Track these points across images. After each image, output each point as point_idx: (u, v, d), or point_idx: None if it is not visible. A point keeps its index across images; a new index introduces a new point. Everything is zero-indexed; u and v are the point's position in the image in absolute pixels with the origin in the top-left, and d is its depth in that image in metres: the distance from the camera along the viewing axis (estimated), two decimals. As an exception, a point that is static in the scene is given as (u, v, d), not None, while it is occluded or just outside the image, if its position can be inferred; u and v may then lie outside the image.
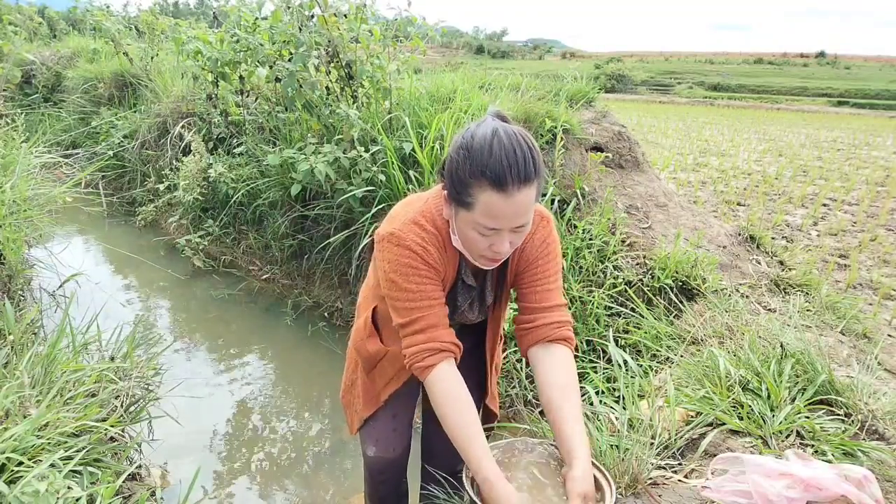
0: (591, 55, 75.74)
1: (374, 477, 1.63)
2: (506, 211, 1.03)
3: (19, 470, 1.25)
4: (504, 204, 1.02)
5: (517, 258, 1.28)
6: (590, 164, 3.30)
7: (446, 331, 1.21)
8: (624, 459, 1.37)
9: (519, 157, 1.01)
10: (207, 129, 4.92)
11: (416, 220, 1.19)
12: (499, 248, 1.10)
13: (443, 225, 1.20)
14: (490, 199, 1.02)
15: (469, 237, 1.11)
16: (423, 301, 1.18)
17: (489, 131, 1.04)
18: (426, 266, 1.18)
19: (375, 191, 3.32)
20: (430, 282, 1.19)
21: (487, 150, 1.01)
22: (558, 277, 1.30)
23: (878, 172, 8.87)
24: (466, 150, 1.04)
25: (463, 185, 1.05)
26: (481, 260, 1.17)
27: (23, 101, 7.48)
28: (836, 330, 2.27)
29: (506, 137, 1.02)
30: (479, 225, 1.07)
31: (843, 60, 60.01)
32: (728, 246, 2.98)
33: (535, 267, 1.27)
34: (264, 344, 3.40)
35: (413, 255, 1.17)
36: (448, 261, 1.22)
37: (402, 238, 1.17)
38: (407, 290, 1.18)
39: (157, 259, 4.50)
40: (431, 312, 1.19)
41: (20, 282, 2.66)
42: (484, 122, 1.07)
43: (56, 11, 12.19)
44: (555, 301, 1.28)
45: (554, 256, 1.28)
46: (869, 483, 1.17)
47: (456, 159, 1.06)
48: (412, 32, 3.90)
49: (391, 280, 1.18)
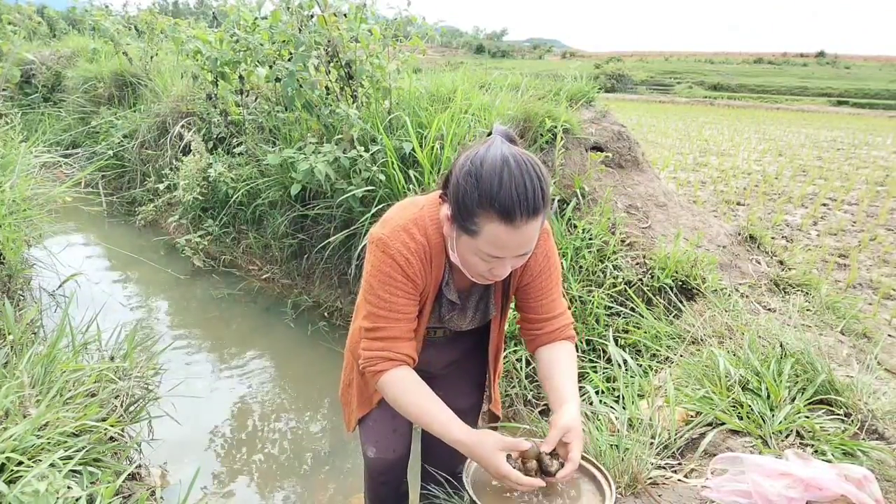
0: (591, 55, 75.74)
1: (374, 478, 1.63)
2: (511, 243, 1.03)
3: (19, 470, 1.25)
4: (510, 236, 1.01)
5: (520, 272, 1.29)
6: (590, 164, 3.30)
7: (406, 343, 1.23)
8: (624, 459, 1.37)
9: (529, 189, 0.98)
10: (207, 128, 4.92)
11: (406, 228, 1.18)
12: (499, 272, 1.11)
13: (434, 236, 1.19)
14: (497, 231, 1.01)
15: (469, 261, 1.11)
16: (391, 312, 1.20)
17: (499, 159, 1.00)
18: (404, 278, 1.18)
19: (375, 190, 3.32)
20: (403, 295, 1.20)
21: (497, 182, 0.98)
22: (559, 287, 1.34)
23: (878, 172, 8.88)
24: (476, 179, 1.00)
25: (469, 214, 1.03)
26: (479, 278, 1.17)
27: (22, 101, 7.47)
28: (836, 330, 2.27)
29: (516, 167, 0.99)
30: (483, 252, 1.06)
31: (843, 60, 60.03)
32: (728, 246, 2.98)
33: (540, 281, 1.30)
34: (264, 344, 3.40)
35: (395, 266, 1.17)
36: (431, 274, 1.22)
37: (388, 245, 1.17)
38: (380, 298, 1.20)
39: (157, 259, 4.50)
40: (396, 325, 1.21)
41: (20, 282, 2.66)
42: (493, 146, 1.03)
43: (55, 11, 12.18)
44: (559, 310, 1.34)
45: (556, 268, 1.31)
46: (869, 483, 1.17)
47: (463, 186, 1.02)
48: (412, 32, 3.91)
49: (369, 283, 1.21)
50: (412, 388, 1.20)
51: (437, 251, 1.20)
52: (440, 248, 1.20)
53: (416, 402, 1.19)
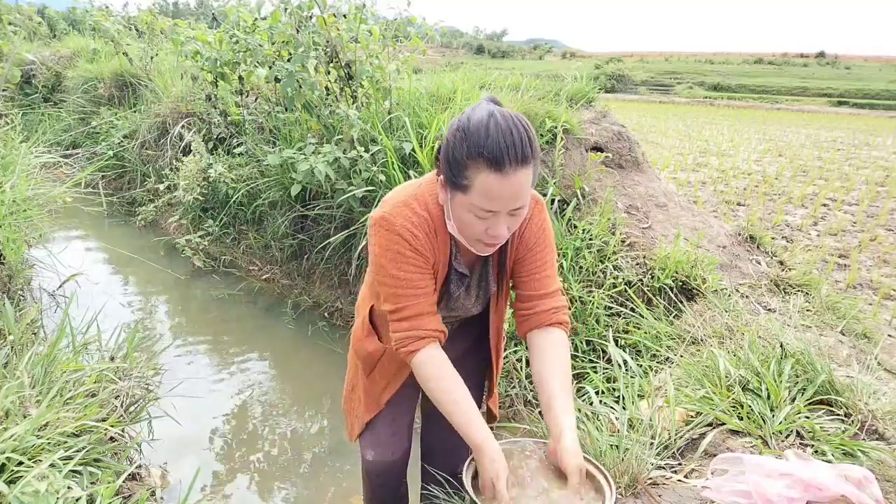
0: (591, 55, 75.76)
1: (372, 480, 1.62)
2: (503, 192, 1.03)
3: (19, 470, 1.25)
4: (501, 185, 1.02)
5: (517, 244, 1.29)
6: (590, 164, 3.30)
7: (431, 318, 1.23)
8: (624, 459, 1.37)
9: (516, 137, 1.00)
10: (207, 129, 4.92)
11: (407, 203, 1.19)
12: (495, 231, 1.10)
13: (435, 209, 1.20)
14: (487, 180, 1.02)
15: (465, 221, 1.11)
16: (409, 289, 1.20)
17: (485, 114, 1.03)
18: (414, 253, 1.18)
19: (375, 191, 3.32)
20: (417, 270, 1.20)
21: (484, 132, 1.01)
22: (554, 262, 1.33)
23: (878, 172, 8.88)
24: (463, 132, 1.04)
25: (460, 167, 1.05)
26: (478, 245, 1.16)
27: (23, 101, 7.48)
28: (836, 330, 2.27)
29: (502, 119, 1.02)
30: (476, 207, 1.07)
31: (843, 60, 60.06)
32: (728, 246, 2.98)
33: (534, 254, 1.29)
34: (264, 344, 3.40)
35: (402, 241, 1.17)
36: (438, 247, 1.22)
37: (392, 222, 1.17)
38: (395, 277, 1.19)
39: (157, 259, 4.50)
40: (417, 301, 1.21)
41: (20, 282, 2.66)
42: (479, 106, 1.07)
43: (56, 11, 12.20)
44: (552, 287, 1.31)
45: (550, 242, 1.31)
46: (869, 483, 1.17)
47: (452, 142, 1.06)
48: (412, 32, 3.91)
49: (380, 264, 1.21)
50: (443, 373, 1.21)
51: (440, 224, 1.21)
52: (443, 221, 1.20)
53: (446, 388, 1.20)
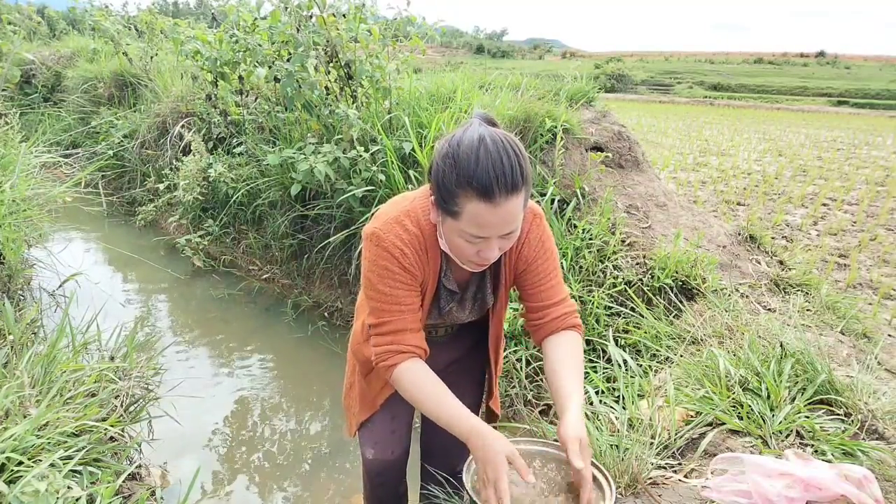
0: (591, 55, 75.76)
1: (372, 479, 1.62)
2: (493, 220, 1.02)
3: (19, 470, 1.25)
4: (491, 214, 1.01)
5: (515, 259, 1.28)
6: (590, 164, 3.30)
7: (413, 335, 1.22)
8: (624, 459, 1.37)
9: (506, 165, 0.98)
10: (207, 128, 4.92)
11: (399, 220, 1.18)
12: (486, 254, 1.10)
13: (427, 226, 1.19)
14: (477, 209, 1.01)
15: (456, 244, 1.11)
16: (393, 305, 1.20)
17: (475, 138, 1.01)
18: (401, 270, 1.18)
19: (375, 190, 3.32)
20: (403, 287, 1.19)
21: (474, 160, 0.99)
22: (558, 271, 1.32)
23: (878, 172, 8.88)
24: (453, 158, 1.01)
25: (449, 195, 1.03)
26: (470, 265, 1.16)
27: (22, 101, 7.47)
28: (836, 330, 2.27)
29: (492, 145, 0.99)
30: (466, 234, 1.06)
31: (843, 60, 60.08)
32: (728, 246, 2.98)
33: (536, 266, 1.28)
34: (264, 344, 3.40)
35: (390, 258, 1.17)
36: (428, 264, 1.22)
37: (382, 238, 1.17)
38: (380, 292, 1.19)
39: (157, 259, 4.50)
40: (401, 318, 1.20)
41: (20, 281, 2.66)
42: (470, 128, 1.04)
43: (55, 11, 12.18)
44: (560, 296, 1.31)
45: (552, 253, 1.30)
46: (869, 483, 1.17)
47: (442, 168, 1.04)
48: (412, 32, 3.90)
49: (368, 279, 1.21)
50: (424, 380, 1.19)
51: (431, 241, 1.20)
52: (434, 238, 1.20)
53: (429, 393, 1.18)
